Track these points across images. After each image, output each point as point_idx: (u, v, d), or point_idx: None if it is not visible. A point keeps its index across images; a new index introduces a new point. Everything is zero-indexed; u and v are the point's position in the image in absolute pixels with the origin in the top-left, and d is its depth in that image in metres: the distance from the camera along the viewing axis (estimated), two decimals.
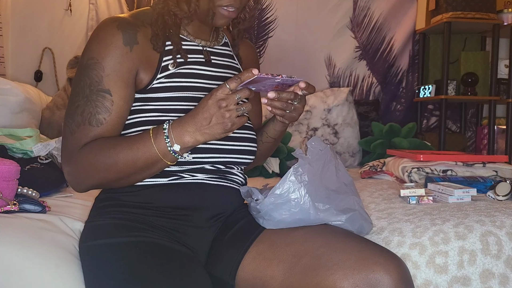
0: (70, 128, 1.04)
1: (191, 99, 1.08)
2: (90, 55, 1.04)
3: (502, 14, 2.95)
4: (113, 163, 1.00)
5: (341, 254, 0.91)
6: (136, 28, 1.07)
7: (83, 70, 1.04)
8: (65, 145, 1.05)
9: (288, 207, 1.01)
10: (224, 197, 1.13)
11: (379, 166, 2.01)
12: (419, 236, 1.10)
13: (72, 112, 1.04)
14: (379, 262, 0.88)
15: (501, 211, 1.19)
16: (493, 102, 2.85)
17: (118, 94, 1.03)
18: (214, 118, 0.97)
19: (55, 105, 2.55)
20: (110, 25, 1.05)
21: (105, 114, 1.02)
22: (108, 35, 1.04)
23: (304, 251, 0.96)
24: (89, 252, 1.03)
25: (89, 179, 1.03)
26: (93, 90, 1.02)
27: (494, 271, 1.07)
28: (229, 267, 1.05)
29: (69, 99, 1.07)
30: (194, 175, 1.09)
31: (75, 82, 1.06)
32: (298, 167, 1.01)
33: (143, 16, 1.12)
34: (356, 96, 3.11)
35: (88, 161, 1.01)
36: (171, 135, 0.99)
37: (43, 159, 1.58)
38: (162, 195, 1.07)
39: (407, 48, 3.15)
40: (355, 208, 1.07)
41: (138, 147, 1.00)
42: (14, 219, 1.12)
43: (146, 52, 1.07)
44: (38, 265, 1.02)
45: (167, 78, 1.08)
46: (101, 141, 1.02)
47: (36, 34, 2.94)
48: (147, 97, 1.07)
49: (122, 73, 1.04)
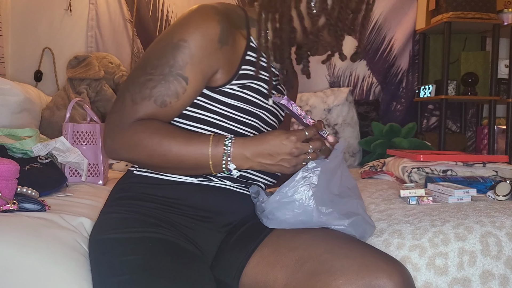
0: (133, 97, 1.01)
1: (253, 115, 1.10)
2: (183, 37, 1.01)
3: (502, 14, 2.95)
4: (162, 153, 0.99)
5: (345, 260, 0.91)
6: (231, 28, 1.06)
7: (170, 48, 1.01)
8: (119, 111, 1.02)
9: (292, 207, 1.01)
10: (246, 206, 1.13)
11: (379, 166, 2.01)
12: (418, 238, 1.10)
13: (142, 82, 1.01)
14: (382, 268, 0.88)
15: (501, 212, 1.19)
16: (493, 102, 2.85)
17: (193, 85, 1.02)
18: (279, 159, 1.00)
19: (55, 105, 2.56)
20: (212, 16, 1.03)
21: (173, 99, 1.01)
22: (208, 26, 1.02)
23: (307, 256, 0.96)
24: (99, 246, 1.03)
25: (129, 154, 1.02)
26: (172, 72, 1.00)
27: (494, 272, 1.06)
28: (233, 271, 1.05)
29: (140, 67, 1.03)
30: (223, 180, 1.09)
31: (155, 53, 1.02)
32: (309, 169, 1.01)
33: (236, 16, 1.10)
34: (356, 96, 3.11)
35: (138, 138, 0.99)
36: (231, 154, 1.00)
37: (43, 159, 1.58)
38: (191, 194, 1.07)
39: (407, 48, 3.15)
40: (358, 212, 1.07)
41: (193, 149, 0.99)
42: (13, 217, 1.11)
43: (230, 55, 1.06)
44: (37, 262, 1.01)
45: (240, 87, 1.08)
46: (157, 125, 1.01)
47: (36, 34, 2.94)
48: (213, 97, 1.07)
49: (205, 67, 1.03)
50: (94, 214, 1.24)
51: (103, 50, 3.00)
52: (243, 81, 1.08)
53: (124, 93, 1.03)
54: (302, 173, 1.01)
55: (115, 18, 3.05)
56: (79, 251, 1.08)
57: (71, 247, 1.08)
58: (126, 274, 0.93)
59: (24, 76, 2.89)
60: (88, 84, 2.60)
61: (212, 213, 1.09)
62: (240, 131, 1.09)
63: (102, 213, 1.11)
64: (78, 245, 1.10)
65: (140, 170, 1.10)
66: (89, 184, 1.69)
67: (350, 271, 0.88)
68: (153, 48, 1.04)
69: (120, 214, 1.05)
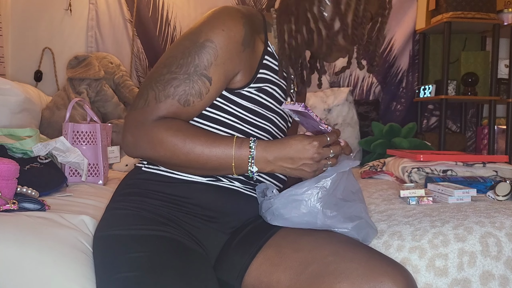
0: (156, 94, 1.01)
1: (267, 119, 1.12)
2: (209, 37, 1.01)
3: (502, 14, 2.95)
4: (186, 152, 0.99)
5: (349, 263, 0.91)
6: (253, 32, 1.07)
7: (196, 47, 1.01)
8: (142, 108, 1.01)
9: (298, 206, 1.01)
10: (253, 209, 1.13)
11: (379, 166, 2.01)
12: (418, 239, 1.10)
13: (166, 80, 1.01)
14: (387, 272, 0.88)
15: (501, 212, 1.19)
16: (493, 102, 2.85)
17: (216, 85, 1.03)
18: (301, 164, 1.00)
19: (55, 105, 2.56)
20: (238, 19, 1.04)
21: (196, 98, 1.02)
22: (234, 28, 1.03)
23: (311, 259, 0.96)
24: (104, 242, 1.03)
25: (151, 151, 1.01)
26: (197, 71, 1.01)
27: (494, 273, 1.06)
28: (236, 271, 1.05)
29: (165, 64, 1.03)
30: (232, 181, 1.10)
31: (180, 52, 1.02)
32: (328, 175, 1.02)
33: (256, 20, 1.11)
34: (356, 96, 3.11)
35: (160, 137, 0.99)
36: (255, 156, 1.00)
37: (43, 159, 1.58)
38: (199, 193, 1.07)
39: (407, 48, 3.15)
40: (361, 216, 1.07)
41: (216, 150, 1.00)
42: (13, 216, 1.11)
43: (250, 58, 1.07)
44: (37, 262, 1.01)
45: (257, 90, 1.09)
46: (181, 125, 1.01)
47: (36, 34, 2.94)
48: (232, 99, 1.08)
49: (228, 68, 1.03)
50: (94, 214, 1.24)
51: (103, 50, 3.00)
52: (260, 85, 1.09)
53: (148, 90, 1.02)
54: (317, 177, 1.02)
55: (115, 18, 3.05)
56: (80, 249, 1.08)
57: (71, 246, 1.08)
58: (131, 271, 0.93)
59: (24, 76, 2.89)
60: (88, 84, 2.60)
61: (218, 213, 1.09)
62: (254, 133, 1.10)
63: (108, 208, 1.10)
64: (79, 243, 1.10)
65: (149, 167, 1.10)
66: (89, 184, 1.69)
67: (355, 275, 0.88)
68: (178, 46, 1.04)
69: (126, 211, 1.05)
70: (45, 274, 1.00)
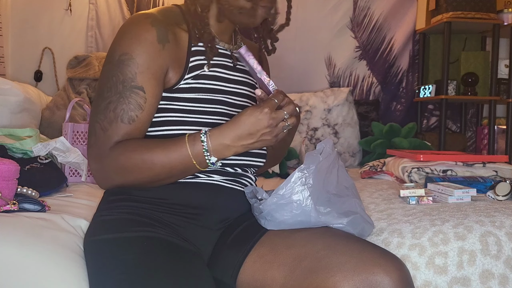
0: (102, 125, 1.02)
1: (216, 102, 1.10)
2: (123, 50, 1.03)
3: (502, 14, 2.95)
4: (149, 168, 1.00)
5: (342, 256, 0.91)
6: (167, 26, 1.07)
7: (115, 66, 1.03)
8: (95, 142, 1.03)
9: (290, 209, 1.01)
10: (236, 201, 1.14)
11: (379, 166, 2.01)
12: (418, 237, 1.10)
13: (103, 108, 1.03)
14: (379, 263, 0.88)
15: (501, 211, 1.19)
16: (493, 102, 2.85)
17: (150, 91, 1.03)
18: (260, 135, 1.00)
19: (55, 105, 2.55)
20: (143, 21, 1.04)
21: (138, 111, 1.02)
22: (142, 31, 1.03)
23: (304, 254, 0.96)
24: (95, 247, 1.03)
25: (119, 179, 1.03)
26: (126, 86, 1.02)
27: (493, 272, 1.07)
28: (230, 270, 1.05)
29: (98, 94, 1.05)
30: (211, 175, 1.10)
31: (105, 77, 1.04)
32: (304, 169, 1.01)
33: (170, 14, 1.11)
34: (356, 96, 3.11)
35: (121, 162, 1.01)
36: (210, 147, 1.00)
37: (43, 159, 1.58)
38: (177, 192, 1.08)
39: (407, 48, 3.15)
40: (356, 211, 1.07)
41: (174, 155, 1.00)
42: (14, 218, 1.11)
43: (175, 52, 1.07)
44: (37, 264, 1.01)
45: (194, 79, 1.09)
46: (134, 144, 1.02)
47: (36, 34, 2.94)
48: (173, 97, 1.07)
49: (155, 70, 1.04)
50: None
51: (103, 50, 3.00)
52: (196, 72, 1.09)
53: (94, 125, 1.04)
54: (298, 173, 1.01)
55: (115, 18, 3.04)
56: (78, 252, 1.09)
57: (71, 249, 1.08)
58: (122, 273, 0.93)
59: (24, 76, 2.89)
60: (88, 84, 2.60)
61: (200, 209, 1.09)
62: (208, 121, 1.09)
63: (95, 216, 1.11)
64: (78, 247, 1.10)
65: None
66: (89, 184, 1.69)
67: (347, 267, 0.88)
68: (102, 73, 1.06)
69: (113, 216, 1.06)
70: (45, 276, 1.01)
